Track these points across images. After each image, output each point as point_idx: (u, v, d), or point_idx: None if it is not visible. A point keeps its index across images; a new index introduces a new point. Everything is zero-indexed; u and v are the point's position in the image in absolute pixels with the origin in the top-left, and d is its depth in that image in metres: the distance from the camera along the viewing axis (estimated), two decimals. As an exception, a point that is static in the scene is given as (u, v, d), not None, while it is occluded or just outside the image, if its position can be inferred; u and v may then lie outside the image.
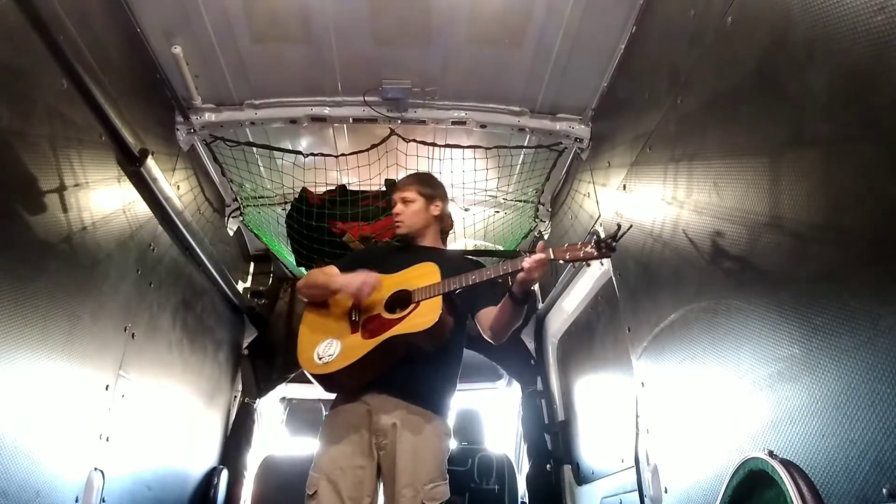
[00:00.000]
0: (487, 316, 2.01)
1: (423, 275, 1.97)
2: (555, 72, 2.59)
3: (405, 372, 1.91)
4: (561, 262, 1.77)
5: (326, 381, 1.91)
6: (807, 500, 0.96)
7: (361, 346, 1.86)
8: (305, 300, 2.12)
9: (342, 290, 1.97)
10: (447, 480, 1.88)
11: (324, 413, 3.87)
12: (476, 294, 1.97)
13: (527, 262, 1.73)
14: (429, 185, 2.27)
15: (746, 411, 1.38)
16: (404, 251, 2.23)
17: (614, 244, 1.66)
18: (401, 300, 1.94)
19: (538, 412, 3.65)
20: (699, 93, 1.70)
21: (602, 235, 1.82)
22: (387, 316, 1.91)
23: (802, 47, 1.20)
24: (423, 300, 1.88)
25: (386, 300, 1.95)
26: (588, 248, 1.71)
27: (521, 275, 1.77)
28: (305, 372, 1.93)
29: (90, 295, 1.88)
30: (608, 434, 2.79)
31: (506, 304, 1.90)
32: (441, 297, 1.87)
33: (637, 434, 2.12)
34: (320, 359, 1.87)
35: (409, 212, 2.19)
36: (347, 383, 1.93)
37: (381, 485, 1.89)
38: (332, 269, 2.10)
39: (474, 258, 2.36)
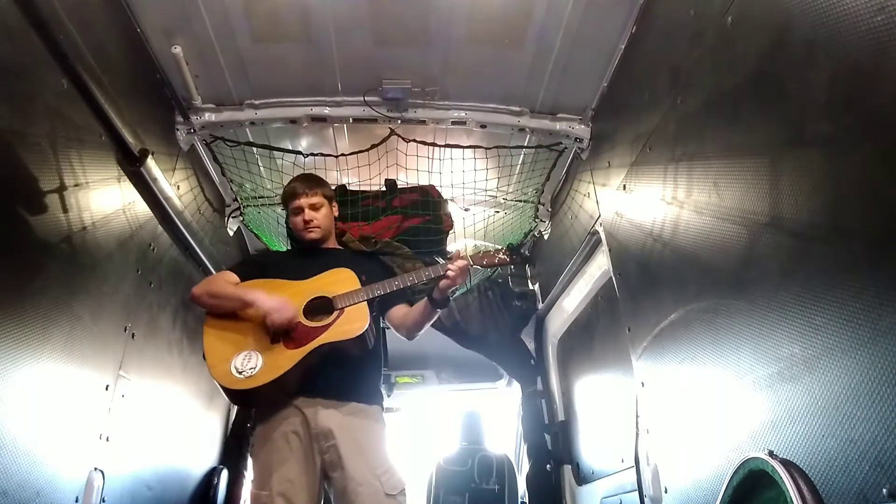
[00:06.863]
0: (401, 314, 2.09)
1: (339, 280, 1.98)
2: (555, 72, 2.59)
3: (335, 374, 1.89)
4: (479, 267, 1.99)
5: (249, 395, 1.84)
6: (807, 500, 0.96)
7: (287, 356, 1.81)
8: (205, 309, 2.00)
9: (260, 310, 1.87)
10: (398, 468, 1.87)
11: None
12: (388, 294, 1.99)
13: (451, 269, 1.90)
14: (327, 186, 2.28)
15: (746, 411, 1.37)
16: (307, 255, 2.21)
17: (526, 253, 1.94)
18: (320, 307, 1.93)
19: (538, 412, 3.65)
20: (699, 93, 1.70)
21: (515, 245, 2.00)
22: (309, 324, 1.88)
23: (802, 47, 1.20)
24: (347, 307, 1.90)
25: (304, 307, 1.92)
26: (502, 255, 1.97)
27: (444, 282, 1.91)
28: (219, 387, 1.84)
29: (90, 295, 1.88)
30: (608, 434, 2.79)
31: (424, 307, 1.99)
32: (366, 303, 1.90)
33: (637, 434, 2.12)
34: (240, 373, 1.79)
35: (321, 216, 2.17)
36: (273, 395, 1.86)
37: (330, 489, 1.87)
38: (233, 277, 2.05)
39: (380, 256, 2.38)
